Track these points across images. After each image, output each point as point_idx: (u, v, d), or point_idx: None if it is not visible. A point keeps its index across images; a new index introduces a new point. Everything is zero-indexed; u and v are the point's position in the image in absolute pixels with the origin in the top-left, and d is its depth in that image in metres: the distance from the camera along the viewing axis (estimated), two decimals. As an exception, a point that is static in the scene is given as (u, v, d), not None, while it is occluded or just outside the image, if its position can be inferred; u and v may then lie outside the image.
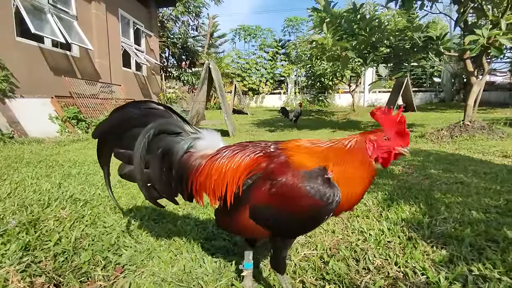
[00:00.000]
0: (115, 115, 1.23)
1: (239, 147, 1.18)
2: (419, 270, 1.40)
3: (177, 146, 1.21)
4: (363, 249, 1.60)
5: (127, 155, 1.22)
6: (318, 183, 0.99)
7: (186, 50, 15.55)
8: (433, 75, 19.96)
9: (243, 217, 1.08)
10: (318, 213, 1.01)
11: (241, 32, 21.85)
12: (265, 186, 1.04)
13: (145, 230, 1.87)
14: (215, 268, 1.46)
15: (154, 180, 1.22)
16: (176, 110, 6.46)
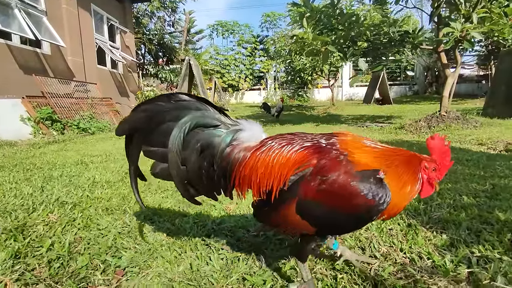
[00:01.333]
0: (142, 109, 1.12)
1: (284, 139, 1.13)
2: (425, 255, 1.43)
3: (217, 139, 1.13)
4: (367, 238, 1.61)
5: (159, 152, 1.14)
6: (371, 182, 0.97)
7: (163, 46, 15.16)
8: (407, 69, 20.67)
9: (289, 212, 1.05)
10: (368, 213, 0.99)
11: (218, 28, 21.59)
12: (314, 182, 1.00)
13: (143, 231, 1.80)
14: (222, 265, 1.43)
15: (192, 176, 1.15)
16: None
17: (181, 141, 1.09)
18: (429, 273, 1.28)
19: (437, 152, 1.07)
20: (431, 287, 1.19)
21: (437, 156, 1.07)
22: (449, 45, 6.33)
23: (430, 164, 1.07)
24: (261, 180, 1.08)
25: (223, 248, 1.57)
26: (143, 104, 1.13)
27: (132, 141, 1.16)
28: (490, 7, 5.97)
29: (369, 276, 1.28)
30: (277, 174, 1.06)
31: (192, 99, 1.13)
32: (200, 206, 2.19)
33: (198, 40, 21.48)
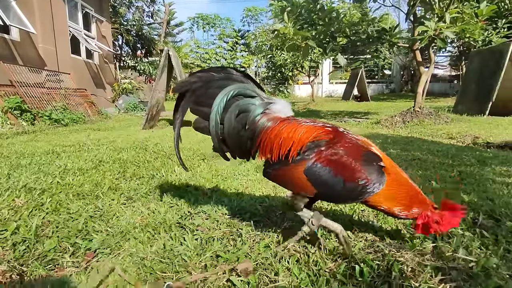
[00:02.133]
0: (197, 76, 1.35)
1: (310, 120, 1.33)
2: (394, 232, 1.48)
3: (253, 107, 1.33)
4: (341, 219, 1.65)
5: (204, 111, 1.34)
6: (373, 165, 1.17)
7: (142, 38, 14.74)
8: (384, 68, 21.23)
9: (298, 171, 1.22)
10: (363, 189, 1.16)
11: (199, 21, 21.26)
12: (328, 151, 1.19)
13: (116, 215, 1.76)
14: (197, 244, 1.42)
15: (227, 134, 1.34)
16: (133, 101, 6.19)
17: (223, 104, 1.31)
18: (397, 248, 1.33)
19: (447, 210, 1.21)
20: (398, 259, 1.23)
21: (446, 214, 1.21)
22: (423, 43, 6.56)
23: (433, 215, 1.22)
24: (282, 144, 1.26)
25: (197, 229, 1.56)
26: (199, 71, 1.37)
27: (183, 99, 1.36)
28: (462, 8, 6.23)
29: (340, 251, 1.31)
30: (297, 139, 1.24)
31: (239, 73, 1.36)
32: (176, 191, 2.17)
33: (178, 32, 21.11)
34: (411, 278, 1.14)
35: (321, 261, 1.25)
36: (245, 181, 2.49)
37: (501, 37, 10.53)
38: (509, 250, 1.29)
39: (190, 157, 3.54)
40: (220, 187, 2.31)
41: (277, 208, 1.86)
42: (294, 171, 1.23)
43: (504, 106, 7.39)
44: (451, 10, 6.13)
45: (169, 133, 6.15)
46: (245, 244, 1.40)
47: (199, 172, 2.79)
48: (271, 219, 1.69)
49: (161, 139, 5.03)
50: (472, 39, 11.09)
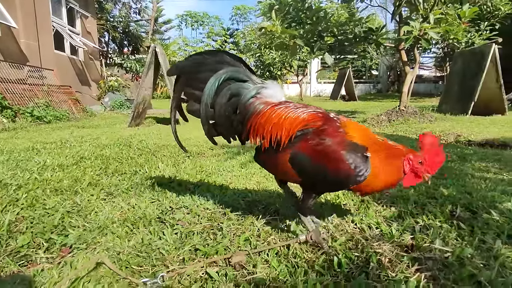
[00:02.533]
0: (191, 59, 1.36)
1: (301, 104, 1.31)
2: (374, 225, 1.50)
3: (244, 91, 1.32)
4: (321, 213, 1.66)
5: (196, 94, 1.33)
6: (357, 155, 1.14)
7: (128, 35, 14.48)
8: (371, 68, 21.52)
9: (284, 159, 1.23)
10: (346, 179, 1.16)
11: (188, 18, 21.05)
12: (313, 140, 1.18)
13: (94, 210, 1.71)
14: (176, 239, 1.40)
15: (217, 117, 1.33)
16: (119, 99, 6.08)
17: (215, 88, 1.30)
18: (376, 239, 1.34)
19: (426, 148, 1.19)
20: (376, 251, 1.24)
21: (426, 151, 1.19)
22: (408, 43, 6.66)
23: (415, 157, 1.19)
24: (273, 129, 1.25)
25: (178, 224, 1.53)
26: (193, 55, 1.37)
27: (177, 82, 1.36)
28: (446, 9, 6.36)
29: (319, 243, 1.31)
30: (287, 126, 1.23)
31: (231, 57, 1.33)
32: (158, 186, 2.14)
33: (166, 30, 20.85)
34: (388, 268, 1.15)
35: (300, 253, 1.24)
36: (230, 177, 2.48)
37: (483, 39, 10.81)
38: (484, 241, 1.32)
39: (175, 154, 3.50)
40: (204, 182, 2.29)
41: (260, 202, 1.85)
42: (280, 159, 1.24)
43: (485, 106, 7.60)
44: (435, 11, 6.25)
45: (155, 131, 6.07)
46: (225, 237, 1.39)
47: (183, 168, 2.76)
48: (254, 213, 1.68)
49: (146, 137, 4.96)
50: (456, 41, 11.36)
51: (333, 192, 1.79)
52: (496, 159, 2.84)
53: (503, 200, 1.77)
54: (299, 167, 1.22)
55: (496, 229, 1.42)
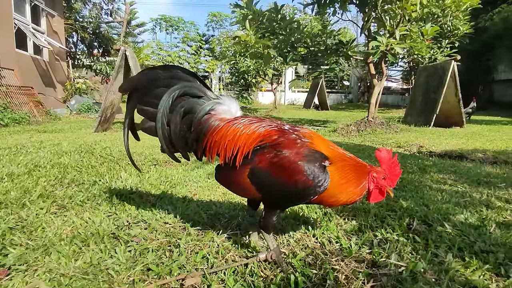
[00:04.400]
0: (143, 74, 1.33)
1: (256, 119, 1.30)
2: (334, 239, 1.50)
3: (198, 107, 1.29)
4: (283, 226, 1.64)
5: (150, 112, 1.29)
6: (315, 165, 1.13)
7: (99, 36, 13.96)
8: (343, 79, 22.25)
9: (242, 176, 1.21)
10: (306, 191, 1.15)
11: (162, 22, 20.69)
12: (269, 154, 1.17)
13: (42, 225, 1.59)
14: (128, 257, 1.32)
15: (173, 135, 1.30)
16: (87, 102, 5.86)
17: (169, 104, 1.26)
18: (335, 255, 1.34)
19: (386, 163, 1.22)
20: (334, 267, 1.24)
21: (386, 166, 1.22)
22: (376, 57, 6.95)
23: (379, 174, 1.22)
24: (228, 146, 1.23)
25: (132, 240, 1.45)
26: (145, 70, 1.35)
27: (131, 98, 1.31)
28: (410, 27, 6.71)
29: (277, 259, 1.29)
30: (242, 142, 1.22)
31: (185, 73, 1.31)
32: (118, 198, 2.04)
33: (140, 33, 20.35)
34: (344, 285, 1.14)
35: (258, 271, 1.21)
36: (195, 187, 2.41)
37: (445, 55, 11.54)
38: (437, 254, 1.36)
39: (140, 162, 3.38)
40: (167, 194, 2.21)
41: (223, 216, 1.81)
42: (239, 176, 1.22)
43: (446, 119, 8.05)
44: (401, 28, 6.58)
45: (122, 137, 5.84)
46: (181, 255, 1.33)
47: (147, 178, 2.66)
48: (215, 227, 1.63)
49: (112, 143, 4.75)
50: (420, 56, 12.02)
51: (295, 205, 1.77)
52: (453, 171, 2.99)
53: (456, 212, 1.85)
54: (258, 182, 1.20)
55: (448, 242, 1.47)
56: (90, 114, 10.07)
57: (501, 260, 1.30)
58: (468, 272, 1.22)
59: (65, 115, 9.73)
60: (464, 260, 1.30)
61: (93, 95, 12.21)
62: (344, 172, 1.18)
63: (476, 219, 1.76)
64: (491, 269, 1.24)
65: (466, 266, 1.26)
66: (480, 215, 1.83)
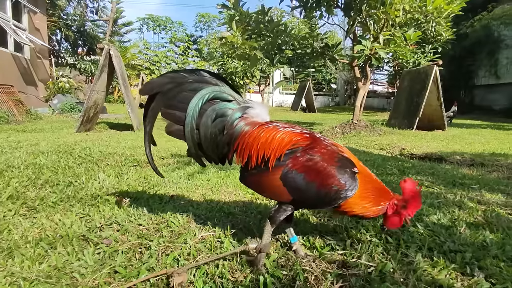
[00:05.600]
0: (168, 76, 1.30)
1: (287, 124, 1.33)
2: (307, 240, 1.50)
3: (230, 111, 1.31)
4: (259, 227, 1.64)
5: (176, 115, 1.29)
6: (347, 171, 1.18)
7: (84, 34, 13.69)
8: (331, 82, 22.51)
9: (274, 178, 1.23)
10: (337, 195, 1.18)
11: (149, 22, 20.46)
12: (303, 158, 1.20)
13: (8, 228, 1.53)
14: (97, 259, 1.28)
15: (203, 139, 1.31)
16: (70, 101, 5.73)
17: (199, 108, 1.27)
18: (307, 257, 1.35)
19: (408, 193, 1.22)
20: (304, 268, 1.24)
21: (408, 196, 1.22)
22: (361, 60, 7.07)
23: (399, 202, 1.23)
24: (260, 150, 1.25)
25: (102, 242, 1.42)
26: (169, 72, 1.33)
27: (152, 102, 1.29)
28: (394, 32, 6.85)
29: (249, 261, 1.28)
30: (275, 145, 1.24)
31: (213, 76, 1.32)
32: (92, 200, 1.99)
33: (126, 32, 20.05)
34: (314, 286, 1.14)
35: (228, 273, 1.20)
36: (174, 189, 2.38)
37: (428, 60, 11.83)
38: (407, 254, 1.38)
39: (121, 163, 3.32)
40: (144, 195, 2.17)
41: (199, 217, 1.79)
42: (270, 178, 1.24)
43: (428, 122, 8.23)
44: (384, 32, 6.70)
45: (105, 137, 5.74)
46: (151, 257, 1.30)
47: (126, 179, 2.61)
48: (190, 229, 1.61)
49: (93, 143, 4.65)
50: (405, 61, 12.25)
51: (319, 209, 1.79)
52: (430, 173, 3.05)
53: (430, 213, 1.88)
54: (290, 185, 1.22)
55: (419, 242, 1.49)
56: (73, 114, 9.85)
57: (467, 260, 1.33)
58: (435, 271, 1.24)
59: (47, 114, 9.49)
60: (433, 260, 1.32)
61: (77, 95, 11.98)
62: (365, 186, 1.22)
63: (448, 219, 1.80)
64: (458, 268, 1.27)
65: (433, 266, 1.28)
66: (452, 215, 1.87)
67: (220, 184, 2.51)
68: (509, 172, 3.40)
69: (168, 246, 1.41)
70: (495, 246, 1.46)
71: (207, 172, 2.92)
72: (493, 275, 1.22)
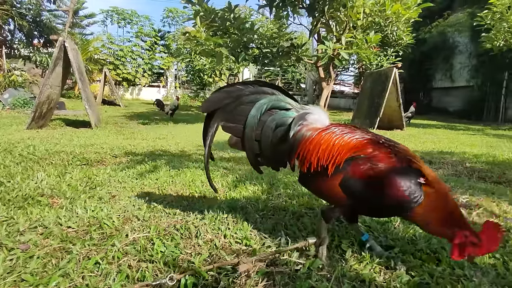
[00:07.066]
0: (225, 91, 1.35)
1: (348, 128, 1.31)
2: (244, 239, 1.48)
3: (289, 119, 1.32)
4: (197, 226, 1.60)
5: (236, 128, 1.33)
6: (411, 181, 1.13)
7: (40, 25, 12.80)
8: (300, 82, 22.88)
9: (334, 183, 1.22)
10: (400, 205, 1.14)
11: (113, 15, 19.57)
12: (364, 166, 1.18)
13: None
14: (7, 266, 1.17)
15: (264, 149, 1.35)
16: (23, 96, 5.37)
17: (258, 120, 1.31)
18: (238, 255, 1.33)
19: (487, 234, 1.09)
20: (236, 267, 1.22)
21: (485, 237, 1.09)
22: (324, 60, 7.22)
23: (471, 238, 1.10)
24: (321, 155, 1.24)
25: (18, 247, 1.31)
26: (225, 87, 1.37)
27: (212, 118, 1.33)
28: (355, 34, 7.07)
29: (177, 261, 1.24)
30: (336, 152, 1.22)
31: (268, 86, 1.35)
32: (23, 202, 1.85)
33: (88, 24, 19.05)
34: (238, 285, 1.12)
35: (149, 275, 1.15)
36: (118, 188, 2.27)
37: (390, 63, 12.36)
38: (339, 250, 1.40)
39: (67, 162, 3.13)
40: (83, 196, 2.05)
41: (137, 218, 1.72)
42: (330, 183, 1.24)
43: (389, 122, 8.60)
44: (347, 34, 6.89)
45: (57, 135, 5.42)
46: (70, 262, 1.22)
47: (68, 179, 2.45)
48: (122, 230, 1.53)
49: (41, 141, 4.36)
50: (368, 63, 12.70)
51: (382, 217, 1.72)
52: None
53: (370, 210, 1.94)
54: (349, 192, 1.21)
55: (352, 238, 1.53)
56: (27, 110, 9.22)
57: (394, 254, 1.37)
58: (361, 266, 1.27)
59: (-4, 110, 8.80)
60: (361, 255, 1.35)
61: (32, 89, 11.22)
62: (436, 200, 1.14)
63: (385, 215, 1.86)
64: (383, 262, 1.31)
65: (360, 261, 1.31)
66: (390, 211, 1.94)
67: (168, 183, 2.44)
68: (453, 169, 3.62)
69: (93, 249, 1.33)
70: (422, 240, 1.53)
71: (158, 170, 2.82)
72: (414, 267, 1.27)
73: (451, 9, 16.21)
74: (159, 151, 4.06)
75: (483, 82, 14.26)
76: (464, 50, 15.26)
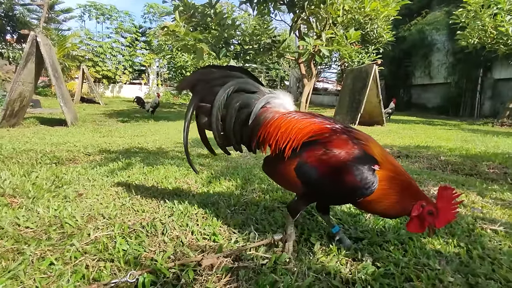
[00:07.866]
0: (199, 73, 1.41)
1: (309, 114, 1.32)
2: (211, 235, 1.45)
3: (254, 102, 1.34)
4: (164, 223, 1.55)
5: (206, 108, 1.36)
6: (365, 167, 1.11)
7: (13, 20, 12.25)
8: (284, 79, 22.96)
9: (289, 169, 1.22)
10: (353, 192, 1.13)
11: (92, 10, 18.96)
12: (318, 151, 1.17)
13: None
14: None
15: (228, 129, 1.37)
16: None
17: (224, 100, 1.34)
18: (203, 251, 1.29)
19: (443, 201, 1.08)
20: (200, 263, 1.18)
21: (442, 205, 1.08)
22: (305, 57, 7.24)
23: (428, 207, 1.09)
24: (279, 138, 1.25)
25: (-34, 250, 1.22)
26: (200, 69, 1.44)
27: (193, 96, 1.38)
28: (336, 31, 7.11)
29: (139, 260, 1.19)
30: (293, 135, 1.23)
31: (237, 70, 1.38)
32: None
33: (65, 20, 18.39)
34: (201, 282, 1.09)
35: (106, 274, 1.10)
36: (86, 187, 2.18)
37: (371, 60, 12.56)
38: (313, 244, 1.38)
39: (36, 160, 3.00)
40: (47, 195, 1.95)
41: (102, 216, 1.65)
42: (286, 168, 1.23)
43: (369, 117, 8.74)
44: (327, 31, 6.92)
45: (29, 133, 5.21)
46: (22, 263, 1.15)
47: (33, 178, 2.34)
48: (84, 229, 1.47)
49: (10, 140, 4.18)
50: (350, 60, 12.84)
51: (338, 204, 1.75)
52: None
53: (343, 203, 1.94)
54: (304, 177, 1.20)
55: (322, 231, 1.52)
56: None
57: (362, 246, 1.37)
58: (328, 259, 1.26)
59: (-35, 108, 8.37)
60: (329, 248, 1.34)
61: (4, 87, 10.74)
62: (390, 183, 1.12)
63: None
64: (350, 254, 1.30)
65: (328, 254, 1.30)
66: (362, 204, 1.94)
67: (140, 181, 2.37)
68: (428, 162, 3.70)
69: (49, 250, 1.26)
70: (391, 231, 1.53)
71: (131, 168, 2.74)
72: (380, 258, 1.27)
73: (429, 7, 16.61)
74: (135, 148, 3.96)
75: (459, 79, 14.73)
76: (441, 48, 15.69)
